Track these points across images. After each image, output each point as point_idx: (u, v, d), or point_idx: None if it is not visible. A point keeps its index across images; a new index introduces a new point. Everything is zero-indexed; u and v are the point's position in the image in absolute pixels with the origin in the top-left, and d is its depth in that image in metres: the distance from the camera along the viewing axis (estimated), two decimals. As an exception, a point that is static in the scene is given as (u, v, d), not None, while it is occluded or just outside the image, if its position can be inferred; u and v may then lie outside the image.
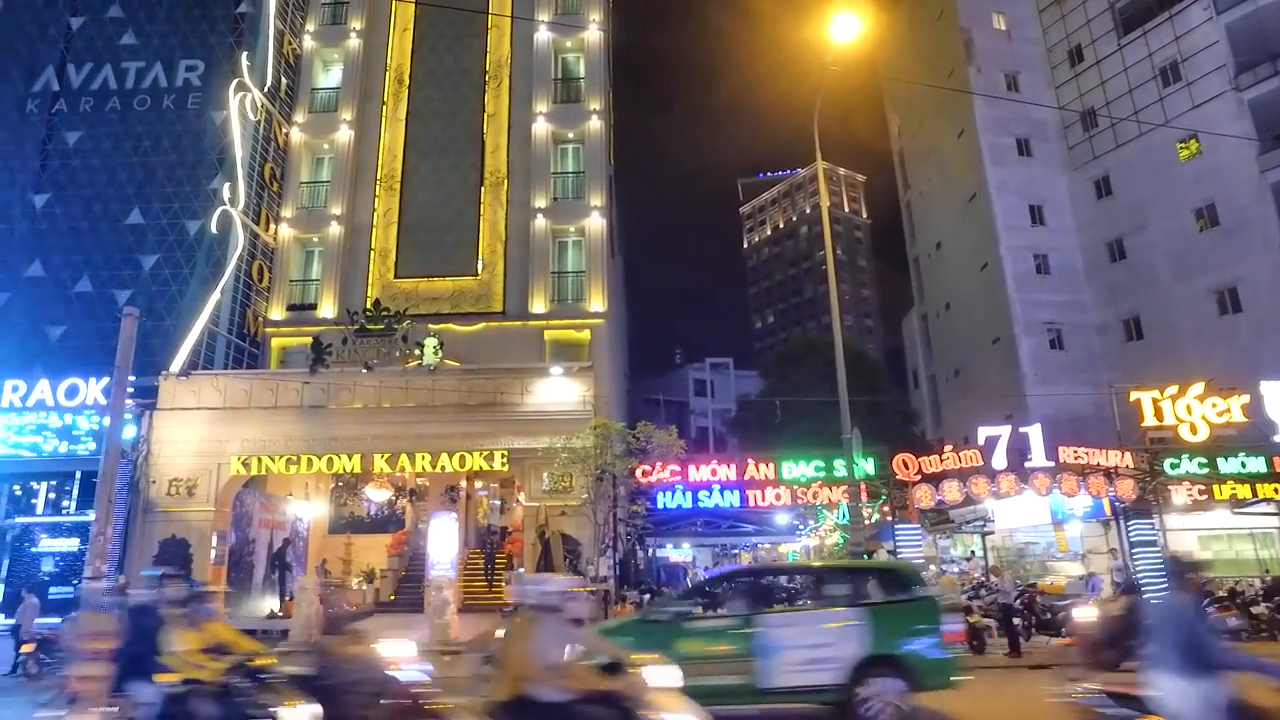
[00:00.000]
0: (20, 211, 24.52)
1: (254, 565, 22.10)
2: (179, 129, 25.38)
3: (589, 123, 27.30)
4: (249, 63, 25.43)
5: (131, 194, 24.67)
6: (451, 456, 19.71)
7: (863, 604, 9.25)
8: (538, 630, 5.09)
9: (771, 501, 20.67)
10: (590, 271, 25.91)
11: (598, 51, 28.28)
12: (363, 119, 27.69)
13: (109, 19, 26.57)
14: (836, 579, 10.34)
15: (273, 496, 23.50)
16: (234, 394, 20.52)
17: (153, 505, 19.56)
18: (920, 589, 9.70)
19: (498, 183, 26.82)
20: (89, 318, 23.33)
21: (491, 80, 28.00)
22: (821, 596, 9.87)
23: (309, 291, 26.39)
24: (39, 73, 26.08)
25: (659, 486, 20.59)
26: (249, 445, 19.92)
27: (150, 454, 19.84)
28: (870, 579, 9.98)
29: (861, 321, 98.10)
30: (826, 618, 9.17)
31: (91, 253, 24.08)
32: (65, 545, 20.90)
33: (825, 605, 9.51)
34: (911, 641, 9.01)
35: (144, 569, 12.83)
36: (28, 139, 25.40)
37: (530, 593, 5.29)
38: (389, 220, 26.66)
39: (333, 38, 28.78)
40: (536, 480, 19.75)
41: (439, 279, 25.95)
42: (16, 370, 21.32)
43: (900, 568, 12.15)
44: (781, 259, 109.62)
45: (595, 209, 26.34)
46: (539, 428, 19.68)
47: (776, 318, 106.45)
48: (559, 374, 20.64)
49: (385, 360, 21.16)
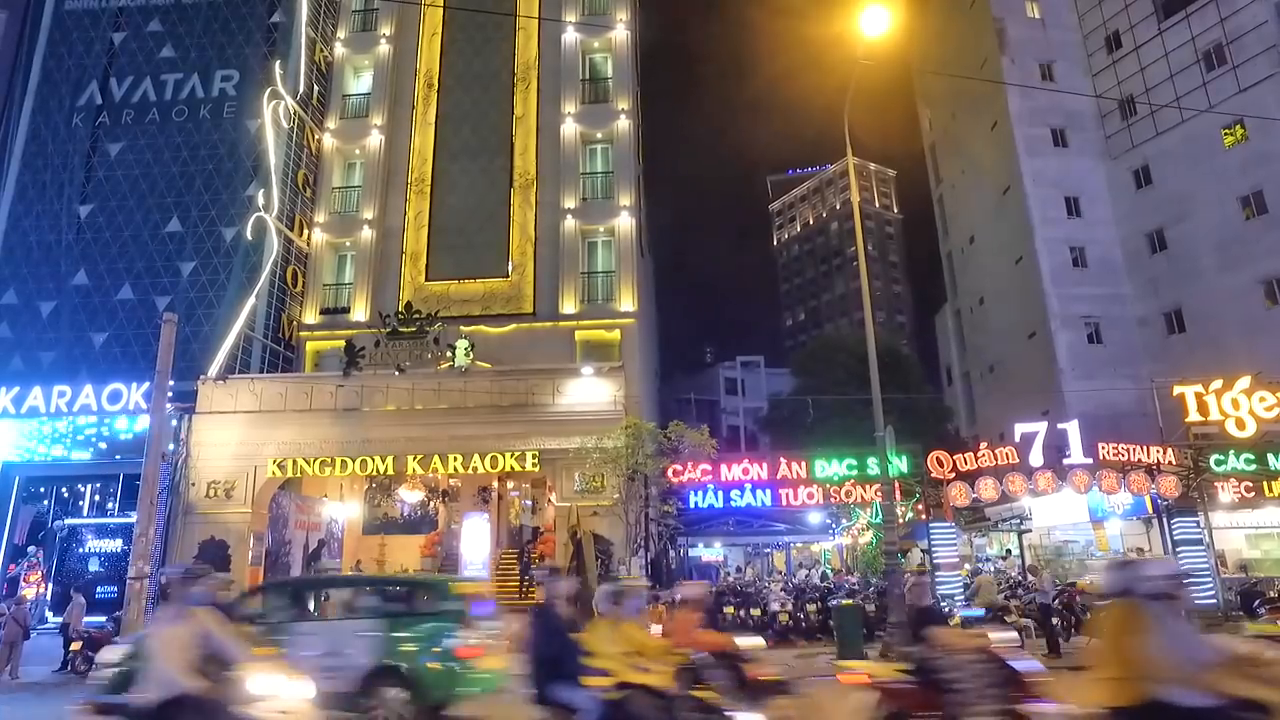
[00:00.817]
0: (66, 222, 25.19)
1: (290, 566, 22.44)
2: (215, 138, 25.89)
3: (617, 123, 27.33)
4: (282, 71, 25.87)
5: (170, 203, 25.22)
6: (483, 457, 19.82)
7: (385, 616, 9.76)
8: (1155, 622, 4.34)
9: (804, 500, 20.46)
10: (620, 271, 25.93)
11: (625, 51, 28.30)
12: (393, 124, 28.01)
13: (149, 33, 27.20)
14: (370, 591, 10.82)
15: (308, 498, 23.86)
16: (269, 397, 20.86)
17: (192, 507, 19.96)
18: (451, 603, 9.99)
19: (527, 184, 26.95)
20: (131, 324, 23.90)
21: (520, 82, 28.15)
22: (353, 608, 10.41)
23: (342, 295, 26.76)
24: (84, 87, 26.78)
25: (690, 486, 20.49)
26: (284, 448, 20.23)
27: (189, 457, 20.23)
28: (404, 591, 10.62)
29: (894, 318, 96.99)
30: (346, 628, 9.80)
31: (133, 261, 24.66)
32: (110, 546, 21.50)
33: (350, 616, 10.24)
34: (420, 655, 9.28)
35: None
36: (74, 152, 26.08)
37: (1141, 577, 4.47)
38: (420, 223, 26.93)
39: (363, 44, 29.16)
40: (568, 480, 19.79)
41: (470, 281, 26.16)
42: (62, 376, 21.91)
43: (434, 581, 12.49)
44: (812, 255, 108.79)
45: (624, 209, 26.35)
46: (570, 428, 19.72)
47: (807, 315, 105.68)
48: (590, 374, 20.67)
49: (417, 362, 21.37)
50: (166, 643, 5.16)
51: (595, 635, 6.66)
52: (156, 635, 5.31)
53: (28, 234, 25.28)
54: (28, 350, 23.99)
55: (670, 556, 25.21)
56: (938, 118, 45.43)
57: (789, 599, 19.16)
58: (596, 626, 6.85)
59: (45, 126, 26.48)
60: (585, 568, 18.77)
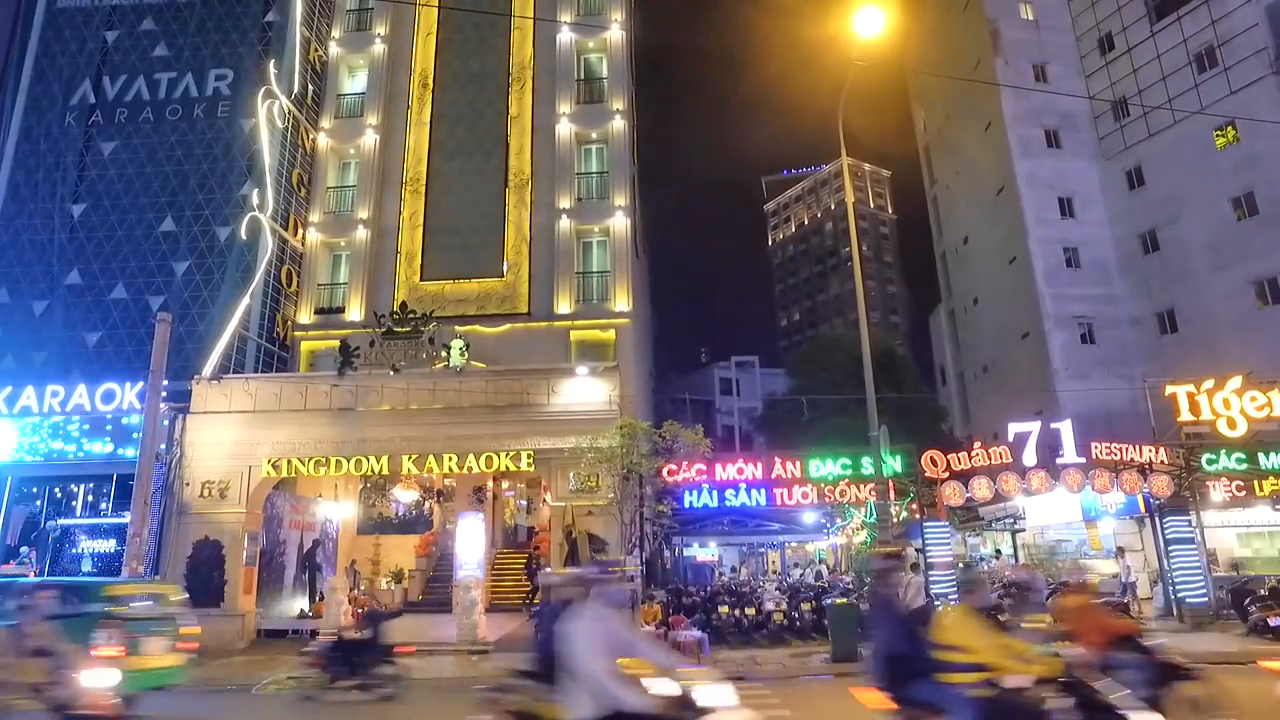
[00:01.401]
0: (60, 222, 25.11)
1: (285, 566, 22.41)
2: (209, 137, 25.83)
3: (612, 123, 27.35)
4: (276, 71, 25.81)
5: (164, 202, 25.16)
6: (478, 457, 19.82)
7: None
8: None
9: (799, 500, 20.49)
10: (615, 271, 25.95)
11: (620, 51, 28.31)
12: (388, 123, 27.98)
13: (142, 31, 27.13)
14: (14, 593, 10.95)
15: (302, 498, 23.83)
16: (264, 397, 20.82)
17: (186, 507, 19.90)
18: (96, 605, 10.41)
19: (522, 184, 26.96)
20: (124, 324, 23.83)
21: (515, 82, 28.15)
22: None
23: (337, 295, 26.72)
24: (77, 86, 26.69)
25: (685, 485, 20.51)
26: (279, 447, 20.19)
27: (183, 457, 20.19)
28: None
29: (888, 318, 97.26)
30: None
31: (126, 260, 24.60)
32: (103, 546, 21.37)
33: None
34: None
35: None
36: (67, 151, 26.01)
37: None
38: (415, 223, 26.91)
39: (358, 44, 29.11)
40: (563, 480, 19.80)
41: (465, 281, 26.16)
42: (56, 375, 21.84)
43: (82, 585, 12.42)
44: (806, 256, 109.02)
45: (619, 209, 26.38)
46: (565, 428, 19.74)
47: (802, 315, 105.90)
48: (585, 374, 20.67)
49: (412, 362, 21.36)
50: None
51: (960, 627, 5.95)
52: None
53: (20, 233, 25.18)
54: (20, 349, 23.90)
55: (665, 556, 25.25)
56: (932, 119, 45.57)
57: (784, 598, 19.23)
58: (957, 617, 6.10)
59: (38, 125, 26.38)
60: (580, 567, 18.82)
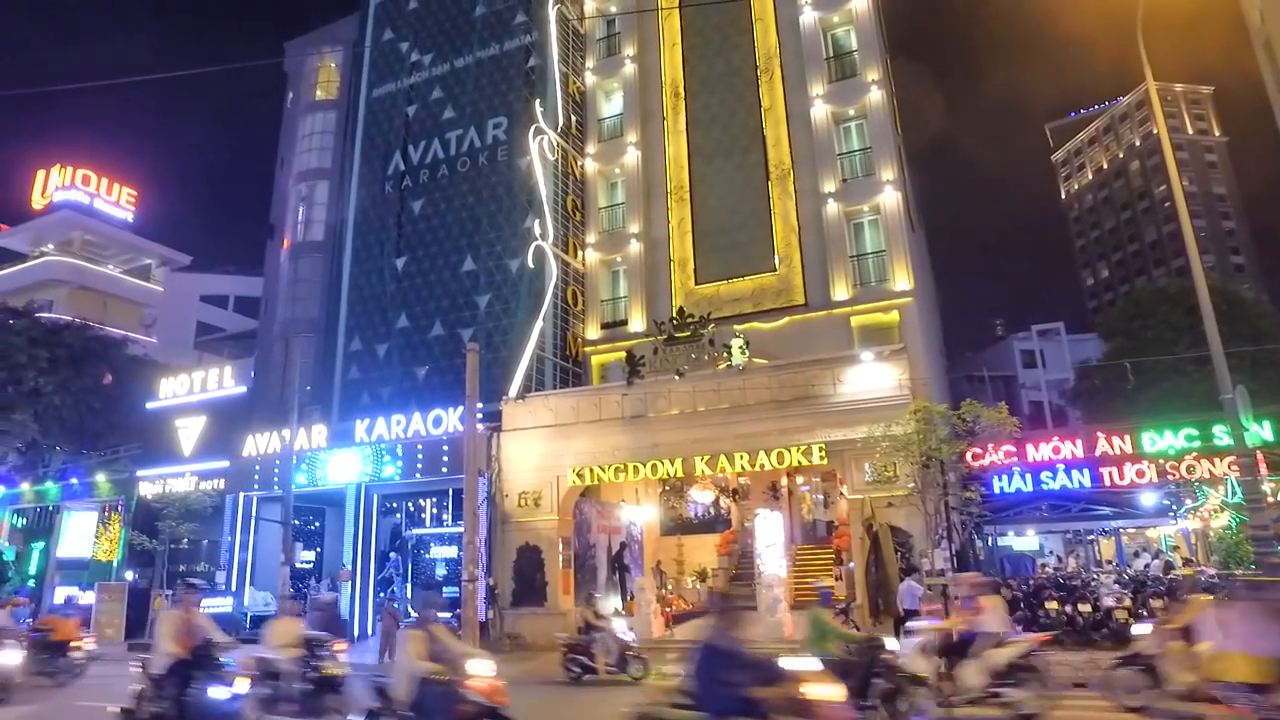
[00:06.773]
0: (389, 275, 29.21)
1: (597, 568, 23.88)
2: (493, 180, 28.53)
3: (869, 95, 25.89)
4: (542, 109, 27.89)
5: (464, 244, 28.20)
6: (769, 454, 19.60)
7: None
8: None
9: (1132, 479, 17.98)
10: (890, 250, 24.47)
11: (867, 19, 26.74)
12: (647, 138, 28.97)
13: (433, 100, 30.76)
14: None
15: (607, 504, 25.25)
16: (563, 411, 22.37)
17: (508, 516, 22.00)
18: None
19: (784, 175, 26.46)
20: (444, 356, 27.00)
21: (763, 74, 27.76)
22: None
23: (619, 309, 28.13)
24: (390, 157, 30.95)
25: (993, 470, 18.86)
26: (581, 457, 21.55)
27: (501, 471, 22.34)
28: None
29: (1226, 260, 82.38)
30: None
31: (440, 300, 27.91)
32: (449, 552, 24.47)
33: None
34: None
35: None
36: (388, 214, 30.23)
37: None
38: (683, 230, 27.52)
39: (610, 69, 30.57)
40: (858, 472, 18.92)
41: (738, 279, 26.21)
42: (398, 406, 25.34)
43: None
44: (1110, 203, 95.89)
45: (887, 183, 24.87)
46: (855, 417, 18.85)
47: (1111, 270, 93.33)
48: (869, 360, 19.63)
49: (695, 365, 21.73)
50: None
51: None
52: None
53: (363, 289, 29.66)
54: (373, 388, 28.07)
55: (977, 547, 23.17)
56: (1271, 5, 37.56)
57: (1126, 593, 16.57)
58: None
59: (366, 197, 30.94)
60: (884, 561, 17.81)
